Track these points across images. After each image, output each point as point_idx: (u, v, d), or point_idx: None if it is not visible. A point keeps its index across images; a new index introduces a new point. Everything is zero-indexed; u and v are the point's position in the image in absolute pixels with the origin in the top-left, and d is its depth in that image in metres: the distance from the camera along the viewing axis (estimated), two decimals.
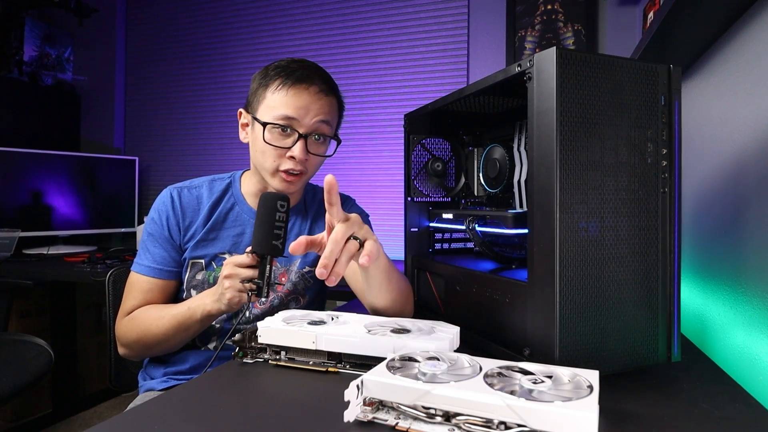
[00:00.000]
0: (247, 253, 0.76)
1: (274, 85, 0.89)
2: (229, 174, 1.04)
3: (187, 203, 0.97)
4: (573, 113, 0.57)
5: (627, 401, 0.55)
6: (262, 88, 0.91)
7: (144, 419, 0.51)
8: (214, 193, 1.00)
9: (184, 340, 0.91)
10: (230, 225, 0.98)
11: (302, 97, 0.89)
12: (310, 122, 0.90)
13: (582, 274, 0.58)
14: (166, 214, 0.96)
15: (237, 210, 1.00)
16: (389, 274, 0.80)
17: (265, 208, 0.75)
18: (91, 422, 2.09)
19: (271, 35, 2.45)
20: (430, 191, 1.02)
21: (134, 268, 0.95)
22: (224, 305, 0.79)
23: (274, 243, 0.75)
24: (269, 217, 0.75)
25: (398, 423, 0.47)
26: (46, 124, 2.49)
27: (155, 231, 0.96)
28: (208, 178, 1.02)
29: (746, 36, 0.82)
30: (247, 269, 0.76)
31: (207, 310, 0.82)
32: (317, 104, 0.90)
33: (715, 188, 0.94)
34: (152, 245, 0.95)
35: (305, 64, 0.92)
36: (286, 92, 0.88)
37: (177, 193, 0.98)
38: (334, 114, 0.96)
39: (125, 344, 0.92)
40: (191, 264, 0.96)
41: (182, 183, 1.01)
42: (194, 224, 0.97)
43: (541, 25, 2.01)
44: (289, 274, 1.00)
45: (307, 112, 0.89)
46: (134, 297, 0.93)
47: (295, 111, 0.88)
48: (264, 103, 0.91)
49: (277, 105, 0.89)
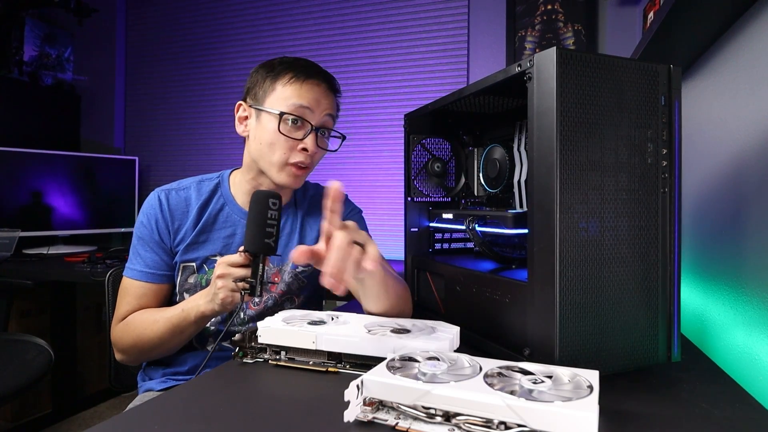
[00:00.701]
0: (239, 252, 0.76)
1: (285, 77, 0.90)
2: (217, 174, 1.03)
3: (176, 206, 0.96)
4: (573, 113, 0.57)
5: (627, 401, 0.55)
6: (270, 80, 0.92)
7: (144, 419, 0.51)
8: (202, 195, 0.98)
9: (180, 343, 0.90)
10: (220, 226, 0.97)
11: (315, 90, 0.91)
12: (321, 115, 0.92)
13: (582, 274, 0.58)
14: (155, 217, 0.94)
15: (227, 211, 0.98)
16: (385, 282, 0.78)
17: (257, 206, 0.74)
18: (90, 422, 2.09)
19: (271, 35, 2.45)
20: (430, 191, 1.02)
21: (126, 273, 0.94)
22: (218, 306, 0.79)
23: (267, 241, 0.74)
24: (261, 215, 0.74)
25: (398, 423, 0.47)
26: (46, 124, 2.49)
27: (145, 235, 0.94)
28: (195, 179, 1.01)
29: (746, 36, 0.82)
30: (240, 269, 0.75)
31: (201, 311, 0.81)
32: (327, 99, 0.93)
33: (715, 188, 0.93)
34: (143, 249, 0.94)
35: (311, 63, 0.94)
36: (300, 85, 0.90)
37: (165, 195, 0.96)
38: (336, 113, 0.98)
39: (121, 350, 0.92)
40: (182, 267, 0.95)
41: (169, 185, 0.99)
42: (184, 227, 0.95)
43: (541, 25, 2.01)
44: (282, 274, 1.00)
45: (318, 106, 0.91)
46: (128, 302, 0.92)
47: (308, 101, 0.90)
48: (274, 95, 0.91)
49: (291, 96, 0.89)
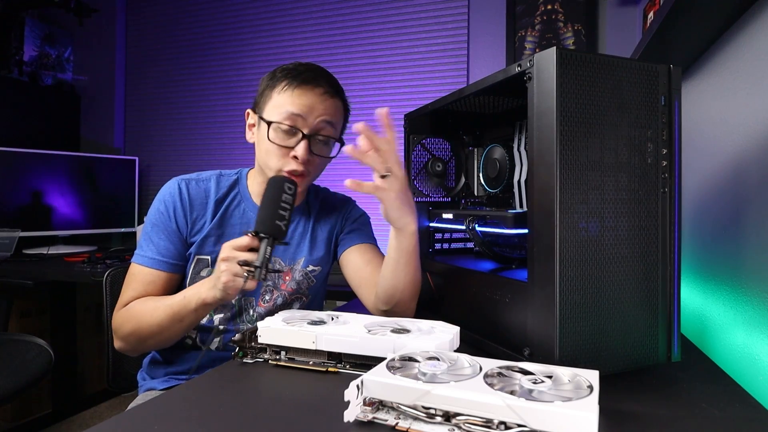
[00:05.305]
0: (246, 233, 0.74)
1: (280, 85, 0.90)
2: (236, 171, 1.03)
3: (195, 196, 0.95)
4: (573, 113, 0.57)
5: (627, 401, 0.55)
6: (269, 89, 0.92)
7: (144, 419, 0.51)
8: (221, 189, 0.98)
9: (179, 331, 0.86)
10: (236, 222, 0.97)
11: (307, 97, 0.89)
12: (314, 122, 0.90)
13: (582, 274, 0.58)
14: (173, 205, 0.93)
15: (243, 207, 0.98)
16: (415, 259, 0.84)
17: (273, 189, 0.74)
18: (90, 422, 2.09)
19: (271, 35, 2.45)
20: (430, 191, 1.02)
21: (136, 260, 0.92)
22: (219, 291, 0.75)
23: (278, 223, 0.73)
24: (276, 196, 0.74)
25: (398, 423, 0.47)
26: (46, 124, 2.49)
27: (161, 222, 0.93)
28: (215, 173, 1.01)
29: (746, 36, 0.82)
30: (246, 252, 0.73)
31: (202, 298, 0.79)
32: (322, 105, 0.90)
33: (715, 188, 0.93)
34: (157, 236, 0.92)
35: (312, 67, 0.93)
36: (292, 92, 0.89)
37: (185, 184, 0.95)
38: (339, 116, 0.95)
39: (121, 337, 0.90)
40: (197, 260, 0.94)
41: (189, 175, 0.98)
42: (201, 218, 0.95)
43: (541, 25, 2.01)
44: (294, 273, 0.99)
45: (312, 111, 0.89)
46: (134, 288, 0.90)
47: (299, 108, 0.88)
48: (270, 103, 0.91)
49: (283, 103, 0.89)
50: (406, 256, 0.83)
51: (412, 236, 0.81)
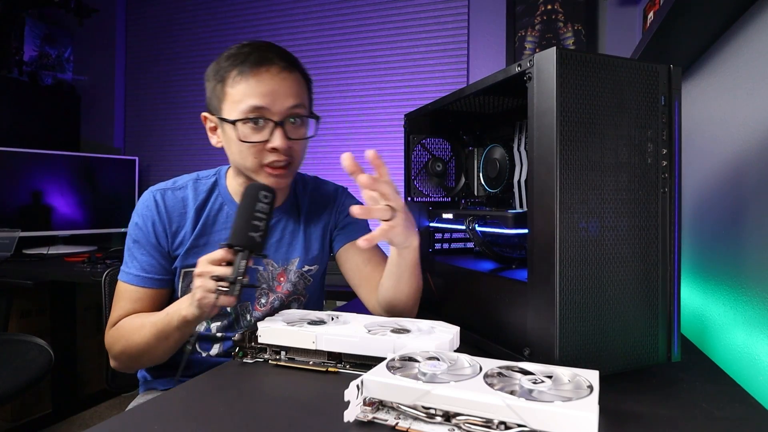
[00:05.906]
0: (221, 246, 0.70)
1: (230, 77, 0.82)
2: (215, 171, 0.96)
3: (172, 206, 0.90)
4: (573, 113, 0.57)
5: (627, 401, 0.55)
6: (219, 85, 0.84)
7: (144, 419, 0.51)
8: (199, 194, 0.92)
9: (167, 349, 0.82)
10: (221, 228, 0.91)
11: (265, 82, 0.81)
12: (282, 107, 0.82)
13: (582, 274, 0.58)
14: (151, 219, 0.88)
15: (226, 210, 0.92)
16: (416, 270, 0.82)
17: (246, 198, 0.71)
18: (90, 422, 2.09)
19: (271, 35, 2.45)
20: (430, 191, 1.02)
21: (122, 277, 0.89)
22: (195, 308, 0.72)
23: (251, 235, 0.69)
24: (249, 207, 0.70)
25: (398, 423, 0.47)
26: (46, 124, 2.49)
27: (140, 237, 0.88)
28: (191, 177, 0.95)
29: (746, 36, 0.82)
30: (220, 267, 0.69)
31: (182, 315, 0.74)
32: (284, 86, 0.82)
33: (715, 188, 0.93)
34: (138, 252, 0.88)
35: (258, 46, 0.84)
36: (246, 81, 0.81)
37: (161, 195, 0.90)
38: (304, 91, 0.88)
39: (113, 356, 0.87)
40: (184, 273, 0.89)
41: (164, 184, 0.93)
42: (182, 229, 0.90)
43: (541, 25, 2.01)
44: (288, 274, 0.96)
45: (276, 97, 0.82)
46: (122, 307, 0.87)
47: (262, 99, 0.81)
48: (227, 100, 0.83)
49: (241, 97, 0.81)
50: (408, 270, 0.81)
51: (415, 251, 0.79)
